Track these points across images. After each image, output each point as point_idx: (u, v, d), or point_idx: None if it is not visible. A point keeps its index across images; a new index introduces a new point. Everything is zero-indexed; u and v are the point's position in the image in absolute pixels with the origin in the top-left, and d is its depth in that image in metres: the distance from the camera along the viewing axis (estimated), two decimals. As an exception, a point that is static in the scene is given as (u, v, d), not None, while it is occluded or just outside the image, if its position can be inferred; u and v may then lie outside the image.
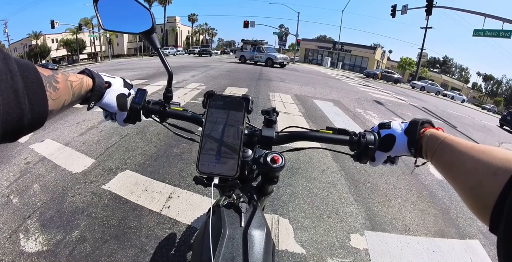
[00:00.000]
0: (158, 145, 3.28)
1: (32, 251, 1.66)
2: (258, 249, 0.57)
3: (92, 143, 3.28)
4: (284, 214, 2.19)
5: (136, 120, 0.74)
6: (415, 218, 2.38)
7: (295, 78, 11.94)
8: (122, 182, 2.47)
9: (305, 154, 3.33)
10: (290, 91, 7.83)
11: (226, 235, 0.57)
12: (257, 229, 0.61)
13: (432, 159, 0.56)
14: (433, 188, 3.03)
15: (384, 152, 0.66)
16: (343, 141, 0.69)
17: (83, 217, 2.00)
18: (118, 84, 0.69)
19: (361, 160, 0.70)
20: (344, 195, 2.56)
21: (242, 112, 0.65)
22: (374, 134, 0.68)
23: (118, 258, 1.65)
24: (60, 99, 0.50)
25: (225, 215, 0.62)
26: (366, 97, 9.27)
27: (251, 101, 0.67)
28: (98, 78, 0.64)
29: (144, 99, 0.73)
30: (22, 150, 3.04)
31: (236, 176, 0.60)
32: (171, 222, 1.99)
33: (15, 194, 2.24)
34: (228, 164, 0.60)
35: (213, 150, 0.61)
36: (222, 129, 0.63)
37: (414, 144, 0.60)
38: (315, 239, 1.96)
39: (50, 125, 3.81)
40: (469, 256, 2.03)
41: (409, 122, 0.64)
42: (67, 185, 2.39)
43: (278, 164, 0.71)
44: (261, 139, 0.70)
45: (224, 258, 0.54)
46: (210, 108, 0.66)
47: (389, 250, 1.95)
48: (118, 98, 0.68)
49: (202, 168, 0.60)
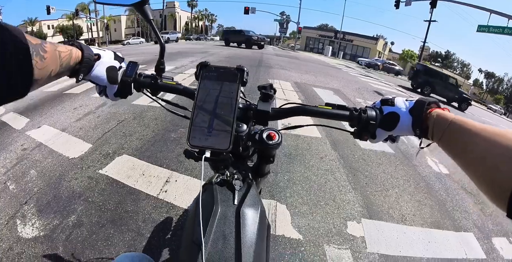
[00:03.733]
0: (156, 130, 3.22)
1: (29, 237, 1.65)
2: (252, 228, 0.54)
3: (89, 128, 3.21)
4: (282, 199, 2.16)
5: (127, 94, 0.70)
6: (411, 208, 2.37)
7: (295, 66, 11.76)
8: (119, 166, 2.43)
9: (304, 141, 3.29)
10: (290, 79, 7.70)
11: (218, 212, 0.54)
12: (250, 207, 0.57)
13: (440, 141, 0.52)
14: (431, 179, 3.02)
15: (386, 131, 0.62)
16: (343, 116, 0.65)
17: (79, 201, 1.97)
18: (108, 56, 0.67)
19: (361, 136, 0.65)
20: (342, 183, 2.53)
21: (236, 84, 0.62)
22: (376, 110, 0.64)
23: (114, 242, 1.63)
24: (46, 69, 0.48)
25: (217, 192, 0.59)
26: (367, 87, 9.19)
27: (246, 72, 0.63)
28: (87, 50, 0.61)
29: (136, 72, 0.70)
30: (18, 137, 2.98)
31: (228, 149, 0.56)
32: (168, 206, 1.97)
33: (12, 180, 2.21)
34: (220, 137, 0.57)
35: (205, 122, 0.58)
36: (215, 101, 0.60)
37: (419, 124, 0.57)
38: (312, 225, 1.94)
39: (46, 111, 3.74)
40: (464, 249, 2.03)
41: (415, 101, 0.60)
42: (64, 170, 2.35)
43: (274, 141, 0.68)
44: (257, 113, 0.66)
45: (215, 236, 0.51)
46: (202, 79, 0.63)
47: (385, 238, 1.95)
48: (108, 71, 0.66)
49: (193, 141, 0.57)
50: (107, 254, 1.55)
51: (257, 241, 0.53)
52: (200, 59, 10.49)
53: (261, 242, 0.55)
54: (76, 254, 1.53)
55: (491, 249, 2.13)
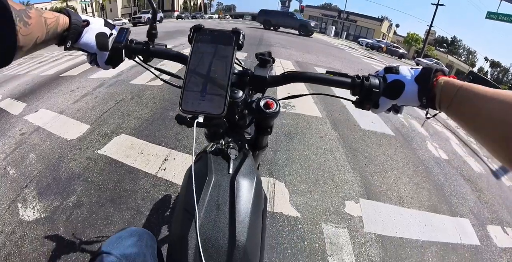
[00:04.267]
0: (154, 109, 3.17)
1: (31, 219, 1.66)
2: (246, 198, 0.52)
3: (87, 109, 3.16)
4: (281, 177, 2.16)
5: (119, 61, 0.68)
6: (409, 191, 2.38)
7: (296, 45, 11.47)
8: (117, 146, 2.41)
9: (303, 120, 3.25)
10: (291, 58, 7.53)
11: (212, 181, 0.52)
12: (246, 176, 0.55)
13: (448, 109, 0.51)
14: (430, 164, 3.02)
15: (390, 99, 0.59)
16: (344, 83, 0.61)
17: (79, 182, 1.97)
18: (98, 23, 0.64)
19: (363, 105, 0.62)
20: (341, 163, 2.52)
21: (232, 47, 0.59)
22: (379, 78, 0.61)
23: (114, 220, 1.65)
24: (31, 36, 0.47)
25: (212, 161, 0.57)
26: (369, 69, 9.00)
27: (242, 35, 0.60)
28: (75, 16, 0.59)
29: (127, 39, 0.67)
30: (16, 122, 2.94)
31: (223, 114, 0.54)
32: (167, 184, 1.97)
33: (11, 165, 2.20)
34: (214, 101, 0.55)
35: (198, 87, 0.56)
36: (209, 64, 0.58)
37: (426, 93, 0.54)
38: (310, 203, 1.94)
39: (43, 95, 3.67)
40: (459, 234, 2.06)
41: (421, 69, 0.57)
42: (62, 152, 2.33)
43: (272, 109, 0.65)
44: (253, 78, 0.62)
45: (209, 205, 0.49)
46: (196, 43, 0.60)
47: (382, 219, 1.96)
48: (97, 37, 0.63)
49: (186, 106, 0.55)
50: (107, 233, 1.56)
51: (252, 211, 0.52)
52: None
53: (256, 212, 0.54)
54: (77, 233, 1.55)
55: (486, 236, 2.16)
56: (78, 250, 1.44)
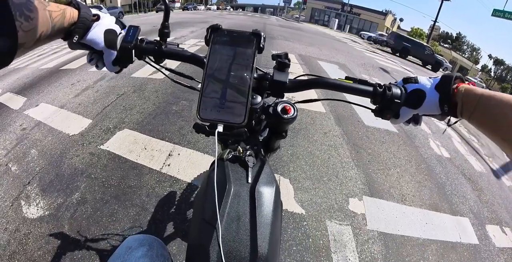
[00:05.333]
0: (157, 103, 3.13)
1: (35, 217, 1.65)
2: (267, 208, 0.51)
3: (88, 103, 3.10)
4: (285, 174, 2.16)
5: (128, 62, 0.62)
6: (411, 189, 2.39)
7: (299, 38, 11.37)
8: (120, 141, 2.39)
9: (307, 116, 3.23)
10: (294, 51, 7.45)
11: (232, 191, 0.51)
12: (265, 185, 0.54)
13: (471, 118, 0.50)
14: (432, 162, 3.02)
15: (412, 109, 0.57)
16: (366, 92, 0.59)
17: (82, 178, 1.95)
18: (109, 19, 0.60)
19: (384, 115, 0.60)
20: (345, 159, 2.52)
21: (252, 50, 0.55)
22: (400, 87, 0.59)
23: (119, 217, 1.64)
24: (34, 31, 0.43)
25: (229, 169, 0.55)
26: (372, 63, 8.94)
27: (263, 37, 0.56)
28: (85, 9, 0.55)
29: (137, 38, 0.62)
30: (17, 117, 2.89)
31: (244, 123, 0.51)
32: (172, 180, 1.96)
33: (13, 161, 2.17)
34: (234, 109, 0.51)
35: (217, 93, 0.52)
36: (228, 69, 0.54)
37: (447, 100, 0.53)
38: (315, 200, 1.95)
39: (44, 89, 3.60)
40: (458, 233, 2.08)
41: (441, 77, 0.56)
42: (64, 148, 2.30)
43: (289, 115, 0.63)
44: (273, 83, 0.59)
45: (229, 216, 0.48)
46: (214, 44, 0.56)
47: (385, 217, 1.98)
48: (106, 34, 0.58)
49: (204, 114, 0.51)
50: (112, 230, 1.56)
51: (272, 222, 0.51)
52: (200, 29, 10.13)
53: (276, 222, 0.53)
54: (82, 231, 1.54)
55: (484, 236, 2.18)
56: (84, 248, 1.44)
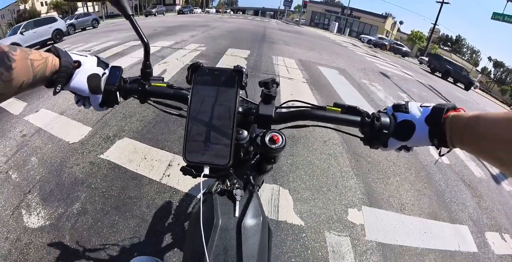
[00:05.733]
0: (157, 111, 3.08)
1: (36, 227, 1.65)
2: (253, 241, 0.53)
3: (88, 110, 3.08)
4: (285, 184, 2.17)
5: (114, 103, 0.63)
6: (411, 198, 2.40)
7: (300, 42, 11.41)
8: (120, 150, 2.39)
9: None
10: (294, 56, 7.48)
11: (219, 225, 0.52)
12: (252, 219, 0.55)
13: (462, 144, 0.48)
14: (431, 169, 3.03)
15: (400, 141, 0.56)
16: (354, 122, 0.59)
17: (83, 188, 1.95)
18: (90, 63, 0.59)
19: (372, 144, 0.60)
20: (345, 169, 2.53)
21: (235, 89, 0.55)
22: (390, 116, 0.58)
23: (119, 228, 1.64)
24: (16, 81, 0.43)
25: (217, 203, 0.56)
26: (373, 68, 8.97)
27: (245, 74, 0.56)
28: (65, 57, 0.54)
29: (120, 78, 0.62)
30: (17, 123, 2.89)
31: (228, 164, 0.52)
32: (172, 191, 1.96)
33: (13, 169, 2.17)
34: (219, 151, 0.52)
35: (201, 136, 0.53)
36: (211, 110, 0.54)
37: (437, 134, 0.51)
38: (314, 211, 1.96)
39: (44, 94, 3.60)
40: (457, 241, 2.08)
41: (432, 109, 0.54)
42: (65, 156, 2.30)
43: (277, 145, 0.63)
44: (258, 117, 0.59)
45: (216, 250, 0.50)
46: (195, 85, 0.55)
47: (383, 227, 1.98)
48: (89, 79, 0.58)
49: (190, 156, 0.52)
50: (113, 241, 1.56)
51: (259, 254, 0.52)
52: (201, 33, 10.17)
53: (263, 254, 0.54)
54: (83, 242, 1.55)
55: (483, 243, 2.18)
56: (84, 259, 1.44)
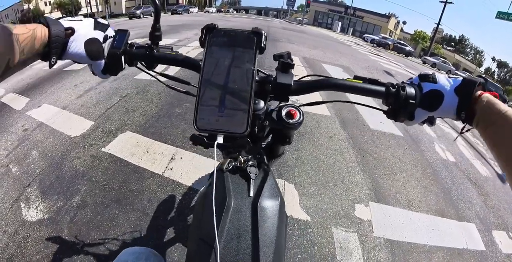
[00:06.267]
0: (160, 105, 3.10)
1: (34, 220, 1.62)
2: (271, 224, 0.47)
3: (90, 104, 3.08)
4: (290, 179, 2.12)
5: (118, 69, 0.58)
6: (418, 194, 2.35)
7: (303, 41, 11.36)
8: (122, 143, 2.36)
9: (312, 119, 3.20)
10: (298, 54, 7.43)
11: (232, 206, 0.47)
12: (269, 199, 0.50)
13: (485, 131, 0.47)
14: (438, 166, 2.97)
15: (428, 111, 0.53)
16: (378, 92, 0.55)
17: (83, 181, 1.92)
18: (86, 27, 0.53)
19: (397, 117, 0.56)
20: (351, 164, 2.48)
21: (253, 50, 0.49)
22: (415, 87, 0.54)
23: (120, 222, 1.60)
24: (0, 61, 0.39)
25: (230, 182, 0.51)
26: (376, 66, 8.91)
27: (264, 36, 0.50)
28: (55, 25, 0.48)
29: (126, 42, 0.57)
30: (19, 117, 2.87)
31: (246, 132, 0.46)
32: (174, 185, 1.92)
33: (14, 163, 2.14)
34: (235, 117, 0.46)
35: (215, 100, 0.47)
36: (227, 72, 0.48)
37: (466, 107, 0.49)
38: (320, 206, 1.91)
39: (46, 89, 3.59)
40: (465, 239, 2.04)
41: (463, 80, 0.51)
42: (66, 150, 2.27)
43: (295, 120, 0.58)
44: (276, 86, 0.54)
45: (228, 234, 0.44)
46: (210, 46, 0.50)
47: (391, 223, 1.94)
48: (87, 45, 0.52)
49: (201, 123, 0.46)
50: (113, 235, 1.52)
51: (277, 239, 0.46)
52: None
53: (281, 238, 0.49)
54: (82, 236, 1.51)
55: (491, 242, 2.13)
56: (83, 253, 1.40)
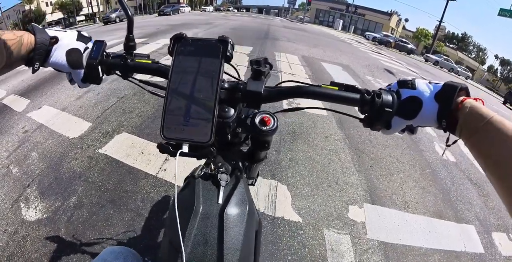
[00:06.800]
0: (156, 106, 3.12)
1: (33, 219, 1.66)
2: (237, 231, 0.48)
3: (89, 106, 3.11)
4: (283, 180, 2.12)
5: (97, 79, 0.60)
6: (415, 196, 2.33)
7: (303, 39, 11.33)
8: (118, 145, 2.39)
9: (308, 119, 3.19)
10: (298, 52, 7.41)
11: (199, 212, 0.48)
12: (236, 206, 0.50)
13: (469, 140, 0.43)
14: (437, 167, 2.95)
15: (405, 119, 0.51)
16: (352, 99, 0.54)
17: (80, 182, 1.95)
18: (69, 38, 0.57)
19: (373, 125, 0.54)
20: (346, 165, 2.47)
21: (219, 60, 0.50)
22: (392, 94, 0.52)
23: (114, 222, 1.64)
24: None
25: (200, 188, 0.52)
26: (377, 65, 8.85)
27: (231, 45, 0.52)
28: (41, 34, 0.53)
29: (103, 53, 0.59)
30: (20, 119, 2.90)
31: (210, 141, 0.47)
32: (167, 185, 1.95)
33: (14, 164, 2.18)
34: (199, 126, 0.48)
35: (181, 109, 0.49)
36: (193, 82, 0.50)
37: (446, 115, 0.46)
38: (313, 208, 1.91)
39: (47, 91, 3.62)
40: (463, 241, 2.01)
41: (443, 85, 0.49)
42: (64, 151, 2.31)
43: (268, 127, 0.58)
44: (246, 94, 0.54)
45: (195, 240, 0.45)
46: (177, 55, 0.52)
47: (386, 225, 1.93)
48: (68, 54, 0.56)
49: (168, 132, 0.48)
50: (107, 235, 1.56)
51: (243, 246, 0.47)
52: (204, 31, 10.15)
53: (248, 246, 0.49)
54: (78, 235, 1.55)
55: (490, 244, 2.11)
56: (79, 252, 1.44)
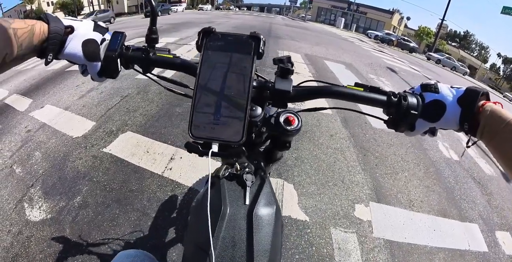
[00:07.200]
0: (160, 104, 3.10)
1: (37, 220, 1.65)
2: (266, 233, 0.47)
3: (92, 105, 3.09)
4: (289, 178, 2.12)
5: (114, 72, 0.57)
6: (420, 194, 2.33)
7: (306, 37, 11.29)
8: (123, 144, 2.37)
9: (313, 117, 3.17)
10: (300, 51, 7.38)
11: (227, 214, 0.46)
12: (265, 207, 0.49)
13: (490, 142, 0.46)
14: (441, 165, 2.94)
15: (429, 122, 0.52)
16: (379, 101, 0.54)
17: (84, 182, 1.94)
18: (85, 28, 0.53)
19: (398, 127, 0.55)
20: (352, 163, 2.47)
21: (251, 56, 0.48)
22: (417, 97, 0.53)
23: (120, 222, 1.62)
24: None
25: (225, 189, 0.51)
26: (380, 63, 8.82)
27: (263, 41, 0.49)
28: (55, 22, 0.48)
29: (122, 45, 0.56)
30: (22, 119, 2.90)
31: (242, 141, 0.45)
32: (173, 185, 1.93)
33: (17, 163, 2.18)
34: (231, 125, 0.45)
35: (211, 107, 0.46)
36: (223, 78, 0.47)
37: (469, 118, 0.48)
38: (319, 206, 1.90)
39: (49, 90, 3.61)
40: (467, 240, 2.01)
41: (466, 90, 0.51)
42: (68, 150, 2.29)
43: (293, 126, 0.58)
44: (275, 93, 0.53)
45: (223, 243, 0.44)
46: (206, 50, 0.49)
47: (391, 223, 1.93)
48: (84, 45, 0.52)
49: (196, 131, 0.46)
50: (113, 235, 1.54)
51: (272, 248, 0.46)
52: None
53: (276, 247, 0.48)
54: (83, 235, 1.54)
55: (494, 243, 2.10)
56: (84, 253, 1.43)
